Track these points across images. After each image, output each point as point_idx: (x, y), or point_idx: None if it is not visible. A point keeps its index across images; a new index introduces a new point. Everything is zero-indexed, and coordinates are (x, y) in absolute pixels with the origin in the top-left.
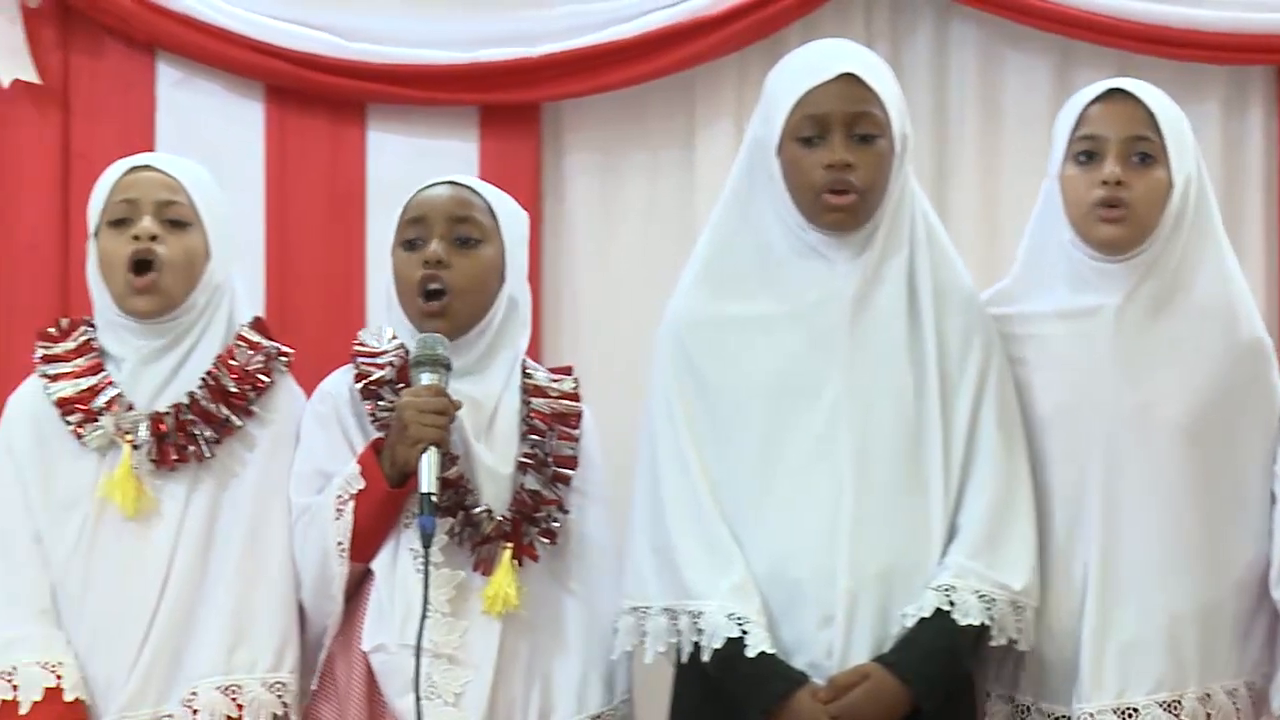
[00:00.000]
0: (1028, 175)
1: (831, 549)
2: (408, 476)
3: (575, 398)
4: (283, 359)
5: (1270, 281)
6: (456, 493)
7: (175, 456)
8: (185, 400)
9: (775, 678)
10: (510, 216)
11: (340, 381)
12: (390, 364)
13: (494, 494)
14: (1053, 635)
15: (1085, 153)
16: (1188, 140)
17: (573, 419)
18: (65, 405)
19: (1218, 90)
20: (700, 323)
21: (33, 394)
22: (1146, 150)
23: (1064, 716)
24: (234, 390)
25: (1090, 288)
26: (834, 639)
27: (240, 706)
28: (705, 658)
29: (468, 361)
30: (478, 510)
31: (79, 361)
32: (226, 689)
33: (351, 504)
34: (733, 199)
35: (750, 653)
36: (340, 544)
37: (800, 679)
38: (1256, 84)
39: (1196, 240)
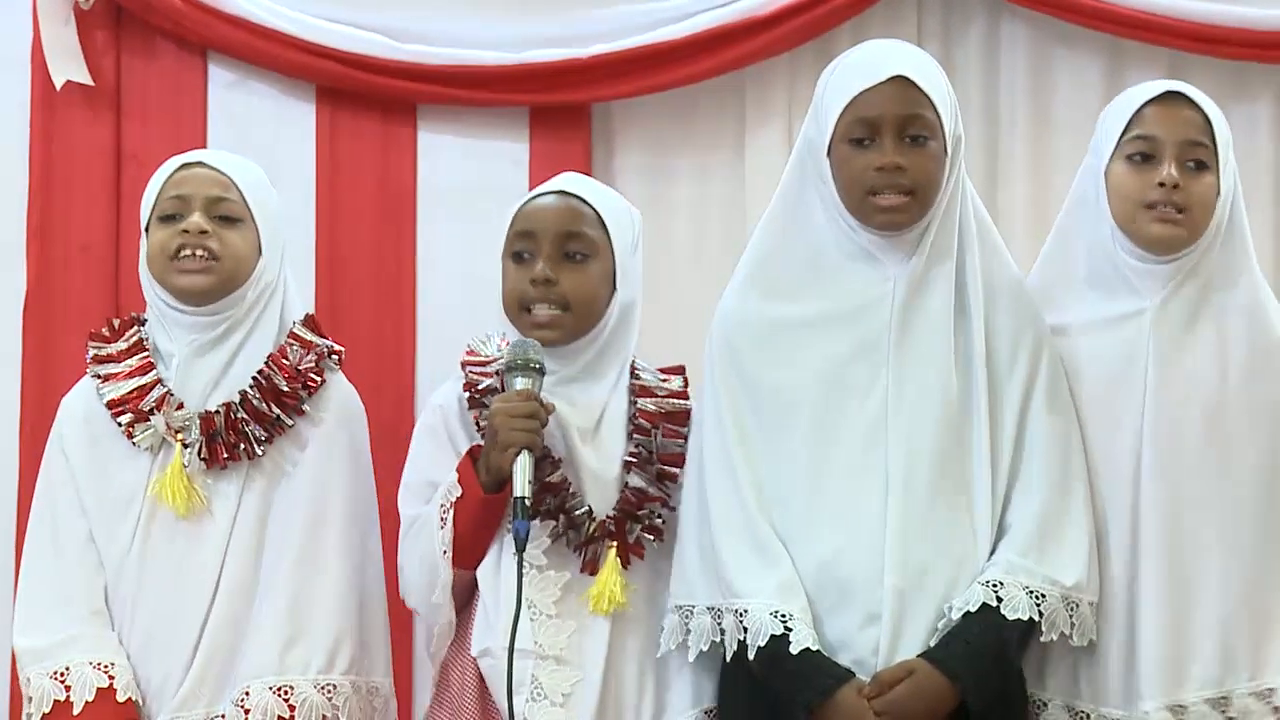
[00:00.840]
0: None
1: (878, 548)
2: (504, 482)
3: (684, 396)
4: (334, 357)
5: None
6: (558, 496)
7: (226, 455)
8: (236, 399)
9: (820, 674)
10: (620, 223)
11: (449, 392)
12: (497, 372)
13: (600, 495)
14: (1104, 636)
15: (1141, 153)
16: (1231, 150)
17: (680, 416)
18: (116, 406)
19: (1269, 90)
20: (749, 323)
21: (85, 395)
22: (1201, 156)
23: (1083, 712)
24: (286, 390)
25: (1127, 288)
26: (880, 637)
27: (292, 707)
28: (750, 655)
29: (575, 369)
30: (579, 512)
31: (130, 362)
32: (279, 689)
33: (453, 512)
34: (784, 200)
35: (794, 649)
36: (445, 551)
37: (845, 675)
38: None
39: (1235, 247)
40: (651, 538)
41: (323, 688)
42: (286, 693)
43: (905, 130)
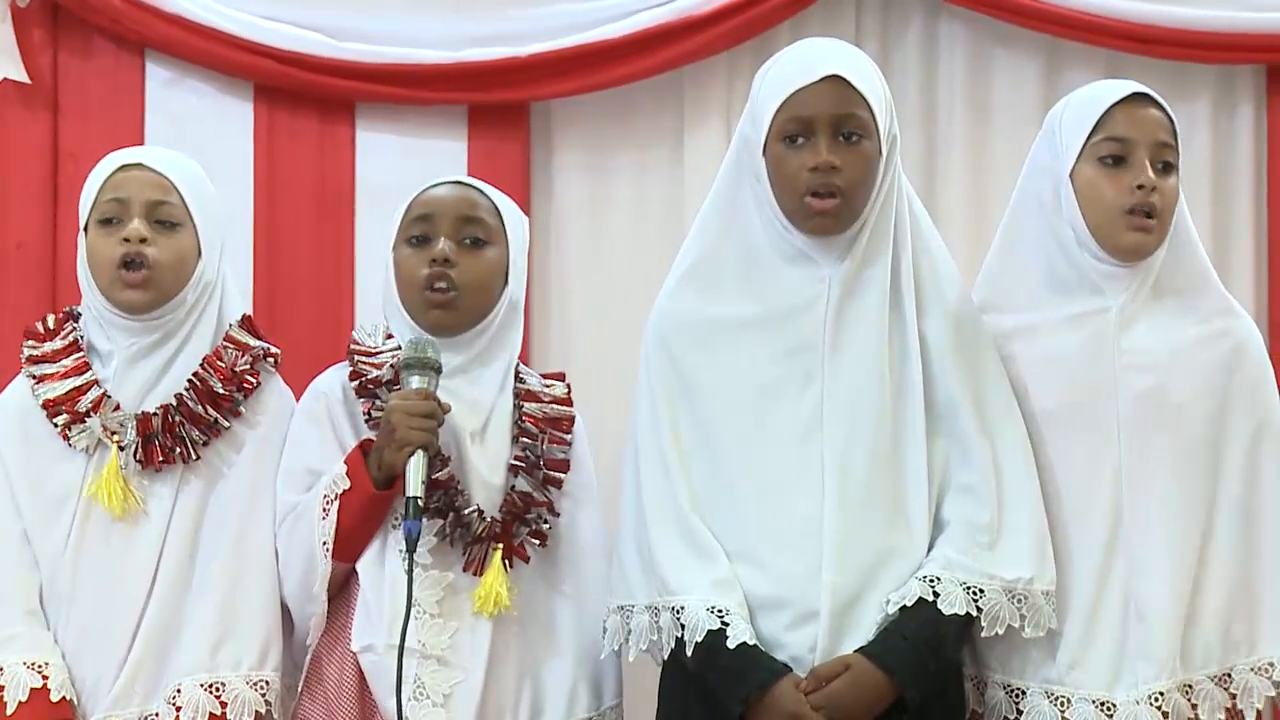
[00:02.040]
0: (1016, 174)
1: (814, 546)
2: (394, 479)
3: (567, 402)
4: (270, 359)
5: (1260, 278)
6: (447, 494)
7: (162, 458)
8: (173, 402)
9: (757, 668)
10: (515, 220)
11: (333, 379)
12: (388, 364)
13: (485, 496)
14: (1074, 617)
15: (1113, 155)
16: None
17: (564, 423)
18: (52, 406)
19: (1207, 89)
20: (684, 323)
21: (20, 394)
22: (1169, 157)
23: (1064, 697)
24: (221, 392)
25: (1089, 289)
26: (819, 635)
27: (224, 704)
28: (688, 652)
29: (465, 360)
30: (469, 511)
31: (66, 361)
32: (211, 686)
33: (336, 504)
34: (719, 199)
35: (731, 644)
36: (325, 543)
37: (782, 669)
38: (1246, 83)
39: (1182, 237)
40: (536, 542)
41: (255, 684)
42: (218, 689)
43: (839, 129)
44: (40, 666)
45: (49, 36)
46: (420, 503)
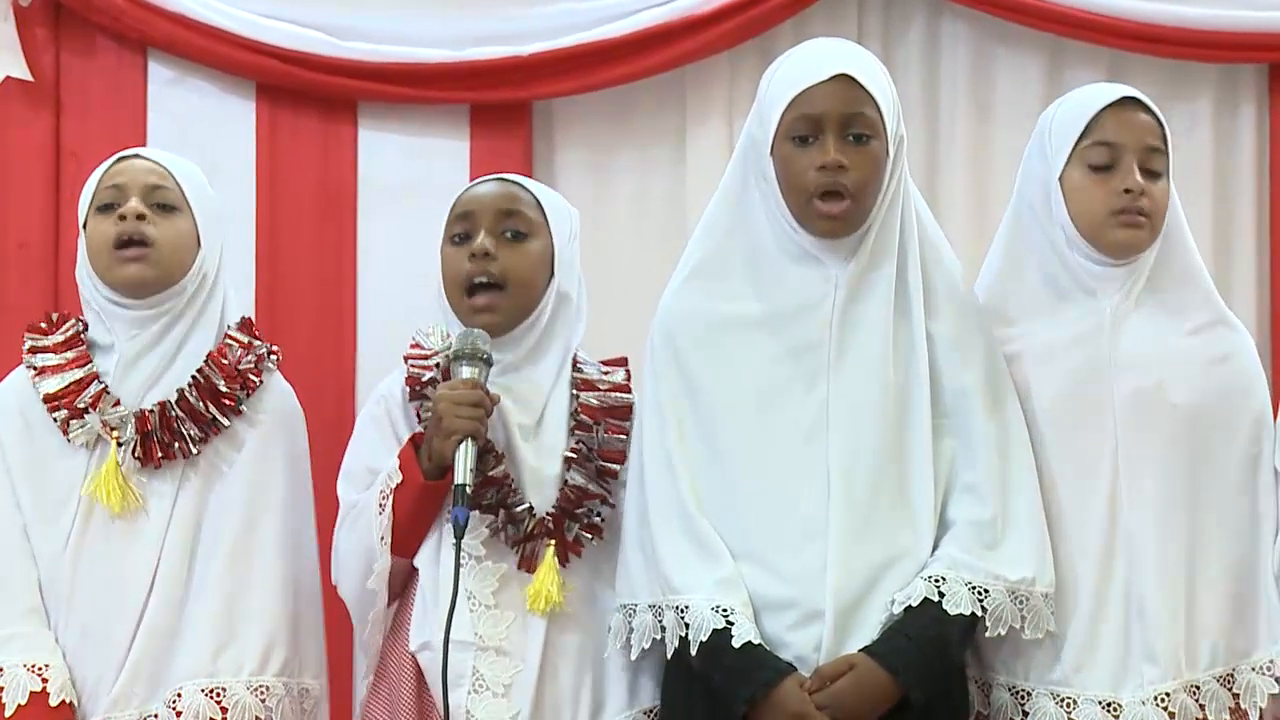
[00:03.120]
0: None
1: (819, 545)
2: (445, 470)
3: (627, 389)
4: (273, 358)
5: (1261, 277)
6: (499, 491)
7: (160, 454)
8: (173, 397)
9: (761, 667)
10: (558, 211)
11: (393, 383)
12: (437, 364)
13: (539, 491)
14: (1077, 618)
15: (1102, 160)
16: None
17: (623, 411)
18: (51, 400)
19: (1209, 88)
20: (690, 321)
21: (20, 387)
22: (1157, 163)
23: (1069, 699)
24: (224, 390)
25: (1082, 290)
26: (823, 634)
27: (224, 709)
28: (692, 651)
29: (516, 357)
30: (519, 509)
31: (67, 355)
32: (211, 691)
33: (392, 498)
34: (725, 198)
35: (736, 643)
36: (383, 538)
37: (787, 669)
38: (1247, 82)
39: (1174, 238)
40: (590, 536)
41: (256, 689)
42: (219, 695)
43: (847, 129)
44: (40, 669)
45: (51, 35)
46: (468, 490)
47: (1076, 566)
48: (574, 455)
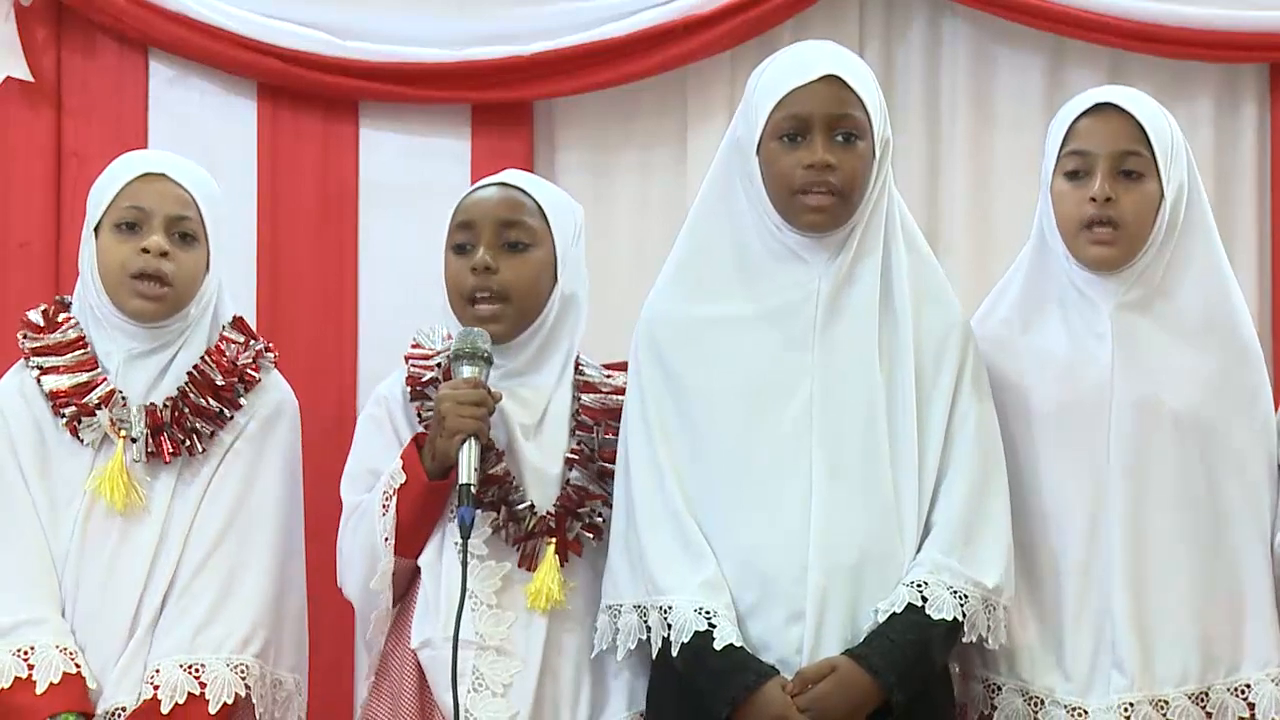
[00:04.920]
0: (1019, 173)
1: (802, 546)
2: (449, 470)
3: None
4: (269, 354)
5: (1263, 277)
6: (500, 489)
7: (171, 450)
8: (177, 395)
9: (743, 670)
10: (561, 215)
11: (394, 384)
12: (438, 365)
13: (540, 490)
14: (1055, 620)
15: (1074, 169)
16: (1179, 146)
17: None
18: (58, 399)
19: (1210, 88)
20: (674, 323)
21: (22, 386)
22: (1135, 166)
23: (1037, 698)
24: (221, 384)
25: (1081, 298)
26: (804, 636)
27: (203, 684)
28: (674, 652)
29: (520, 363)
30: (520, 506)
31: (71, 356)
32: (190, 667)
33: (395, 499)
34: (711, 198)
35: (718, 645)
36: (386, 538)
37: (769, 671)
38: (1249, 81)
39: (1186, 242)
40: (591, 535)
41: (235, 666)
42: (197, 670)
43: (835, 129)
44: (73, 653)
45: (52, 35)
46: (473, 490)
47: (1058, 569)
48: (576, 455)
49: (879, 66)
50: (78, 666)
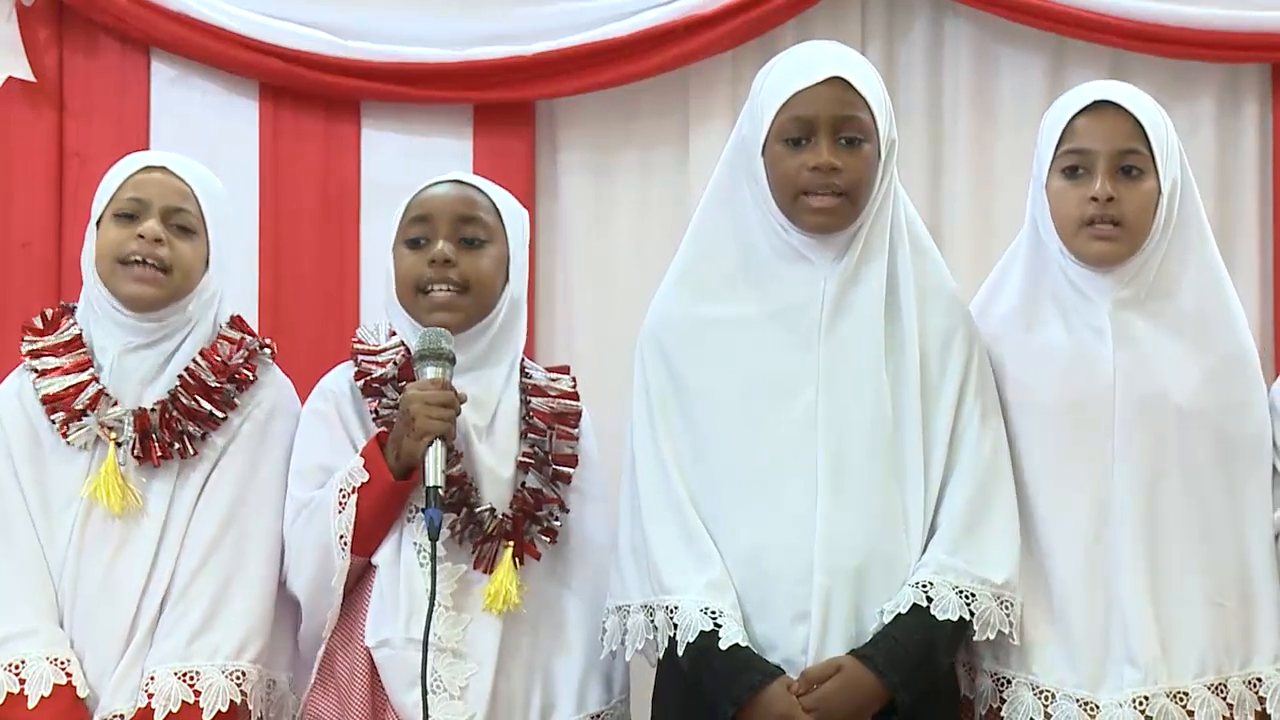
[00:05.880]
0: (1021, 173)
1: (807, 546)
2: (412, 470)
3: (574, 397)
4: (266, 351)
5: (1264, 277)
6: (460, 490)
7: (160, 453)
8: (168, 397)
9: (748, 670)
10: (514, 216)
11: (340, 378)
12: (392, 361)
13: (495, 493)
14: (1064, 615)
15: (1073, 167)
16: (1173, 143)
17: (572, 418)
18: (50, 402)
19: (1212, 88)
20: (679, 324)
21: (21, 390)
22: (1135, 163)
23: (1048, 692)
24: (213, 384)
25: (1080, 296)
26: (809, 635)
27: (198, 693)
28: (680, 652)
29: (470, 358)
30: (481, 508)
31: (68, 358)
32: (184, 675)
33: (354, 497)
34: (716, 200)
35: (723, 645)
36: (342, 537)
37: (774, 671)
38: (1251, 81)
39: (1181, 238)
40: (547, 539)
41: (230, 674)
42: (192, 678)
43: (840, 131)
44: (64, 663)
45: (54, 35)
46: (441, 492)
47: (1066, 564)
48: (529, 459)
49: (881, 66)
50: (68, 676)
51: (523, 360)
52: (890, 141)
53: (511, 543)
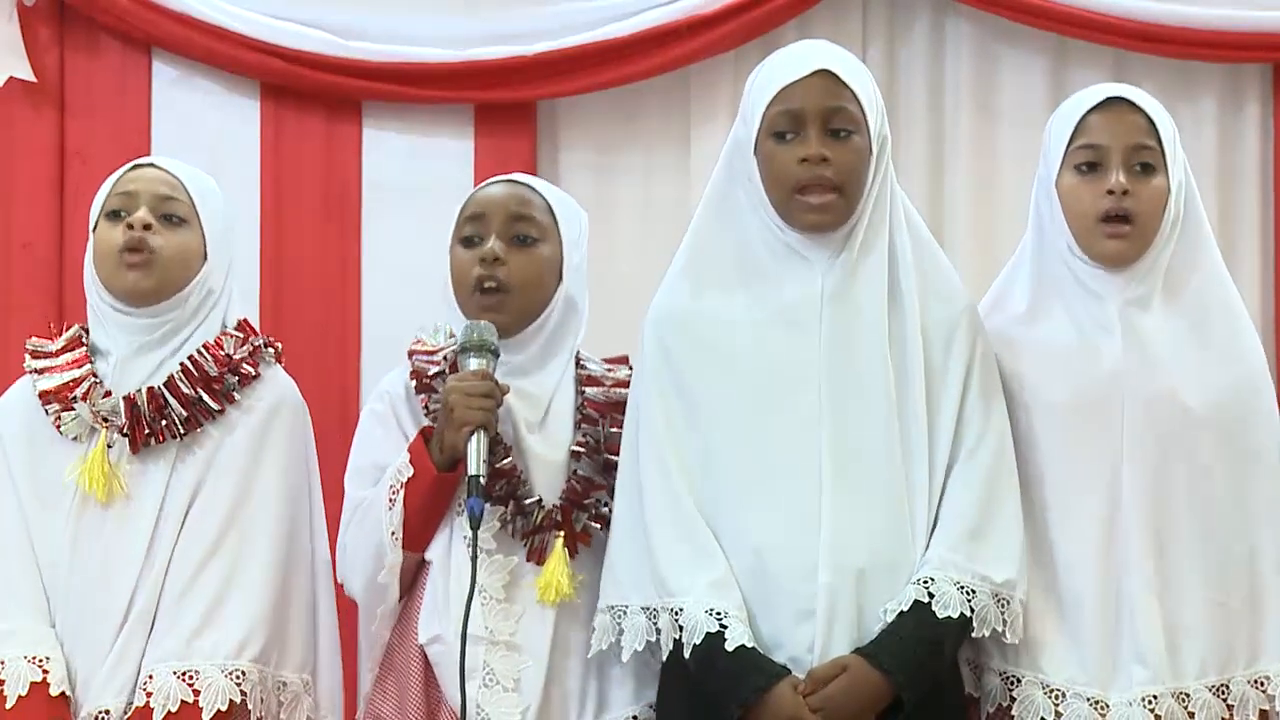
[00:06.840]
0: (1023, 172)
1: (811, 544)
2: (456, 462)
3: (629, 385)
4: (270, 350)
5: (1265, 276)
6: (509, 483)
7: (147, 435)
8: (160, 383)
9: (754, 671)
10: (569, 216)
11: (396, 380)
12: (443, 357)
13: (547, 484)
14: (1074, 613)
15: (1087, 163)
16: (1178, 144)
17: (626, 406)
18: (47, 397)
19: (1213, 88)
20: (680, 320)
21: (23, 391)
22: (1148, 159)
23: (1058, 691)
24: (214, 374)
25: (1089, 294)
26: (814, 634)
27: (197, 692)
28: (686, 654)
29: (524, 360)
30: (529, 500)
31: (66, 356)
32: (184, 674)
33: (402, 492)
34: (713, 200)
35: (729, 646)
36: (393, 533)
37: (780, 672)
38: (1252, 81)
39: (1187, 238)
40: (598, 526)
41: (230, 673)
42: (191, 677)
43: (829, 123)
44: (41, 661)
45: (55, 35)
46: (482, 481)
47: (1075, 562)
48: (581, 448)
49: (882, 66)
50: (45, 673)
51: (578, 352)
52: (882, 137)
53: (562, 533)
